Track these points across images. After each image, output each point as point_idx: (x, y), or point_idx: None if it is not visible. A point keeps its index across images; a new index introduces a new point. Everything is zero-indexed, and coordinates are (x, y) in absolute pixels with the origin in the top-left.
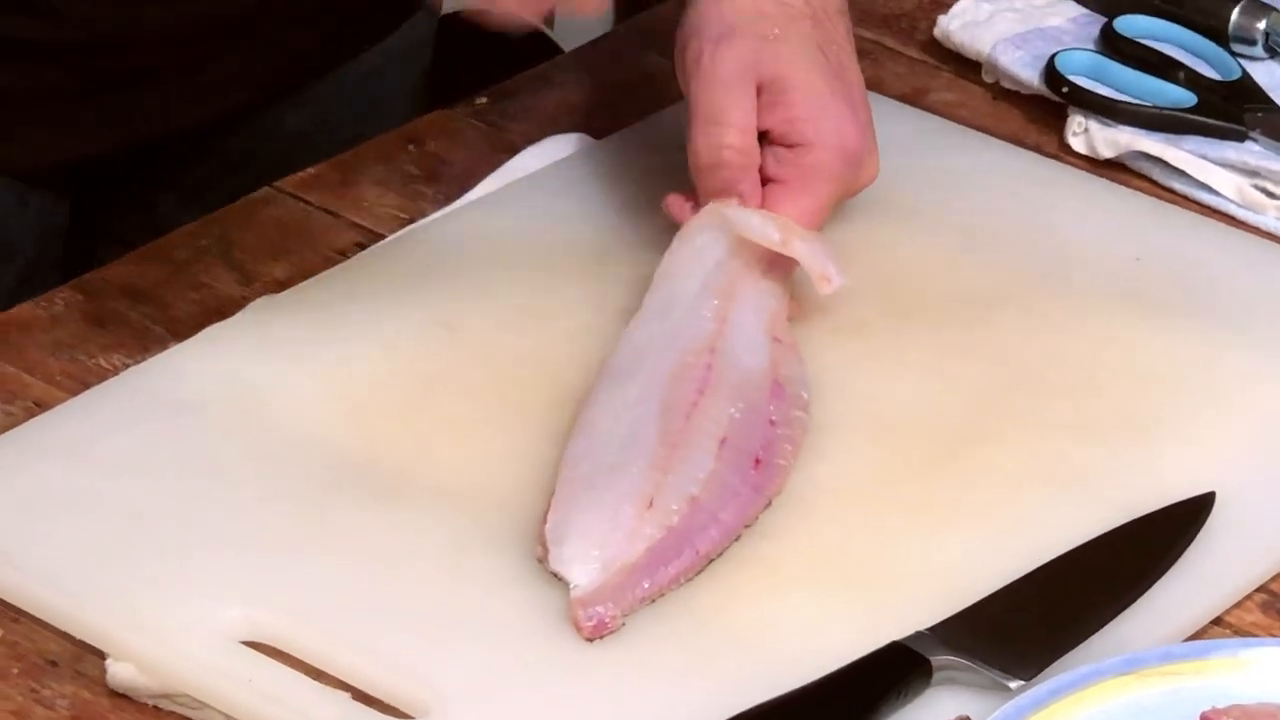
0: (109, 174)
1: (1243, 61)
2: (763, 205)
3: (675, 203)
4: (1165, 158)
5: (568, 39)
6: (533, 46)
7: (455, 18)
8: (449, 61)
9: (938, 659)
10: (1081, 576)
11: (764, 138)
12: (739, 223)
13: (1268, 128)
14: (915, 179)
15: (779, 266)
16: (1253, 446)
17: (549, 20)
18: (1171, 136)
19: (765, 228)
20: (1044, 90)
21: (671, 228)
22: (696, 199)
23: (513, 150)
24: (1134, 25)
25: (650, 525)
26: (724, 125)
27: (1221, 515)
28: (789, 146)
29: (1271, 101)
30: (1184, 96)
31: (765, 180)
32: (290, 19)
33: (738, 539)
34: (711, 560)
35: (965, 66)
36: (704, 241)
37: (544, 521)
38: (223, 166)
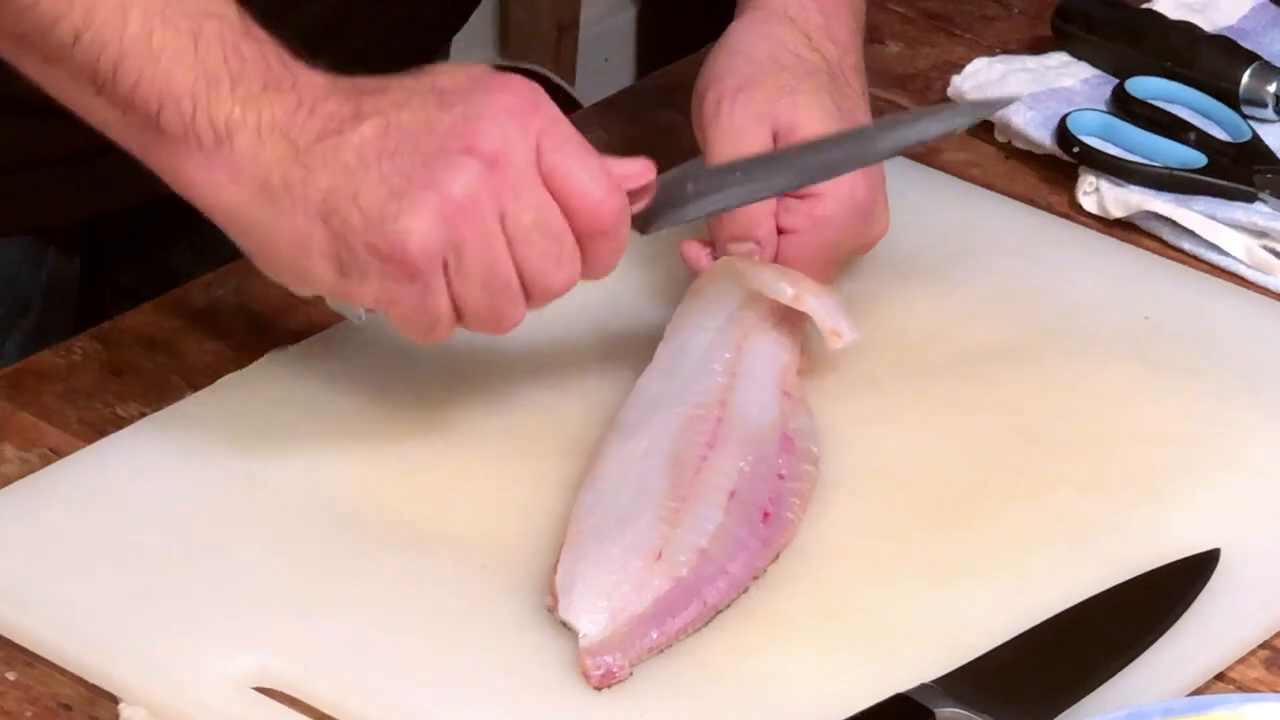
0: (122, 229)
1: (1253, 123)
2: (775, 255)
3: (692, 250)
4: (1175, 218)
5: (587, 94)
6: (550, 98)
7: None
8: None
9: (942, 711)
10: (1086, 631)
11: None
12: (752, 277)
13: (1277, 189)
14: (927, 237)
15: (790, 321)
16: (1258, 504)
17: (569, 75)
18: (1181, 197)
19: (777, 282)
20: (1056, 150)
21: (684, 280)
22: (713, 246)
23: None
24: (1145, 87)
25: (659, 576)
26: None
27: (1226, 572)
28: (800, 197)
29: None
30: (1194, 157)
31: (777, 230)
32: None
33: (745, 591)
34: (719, 611)
35: (978, 126)
36: (716, 295)
37: (554, 571)
38: None
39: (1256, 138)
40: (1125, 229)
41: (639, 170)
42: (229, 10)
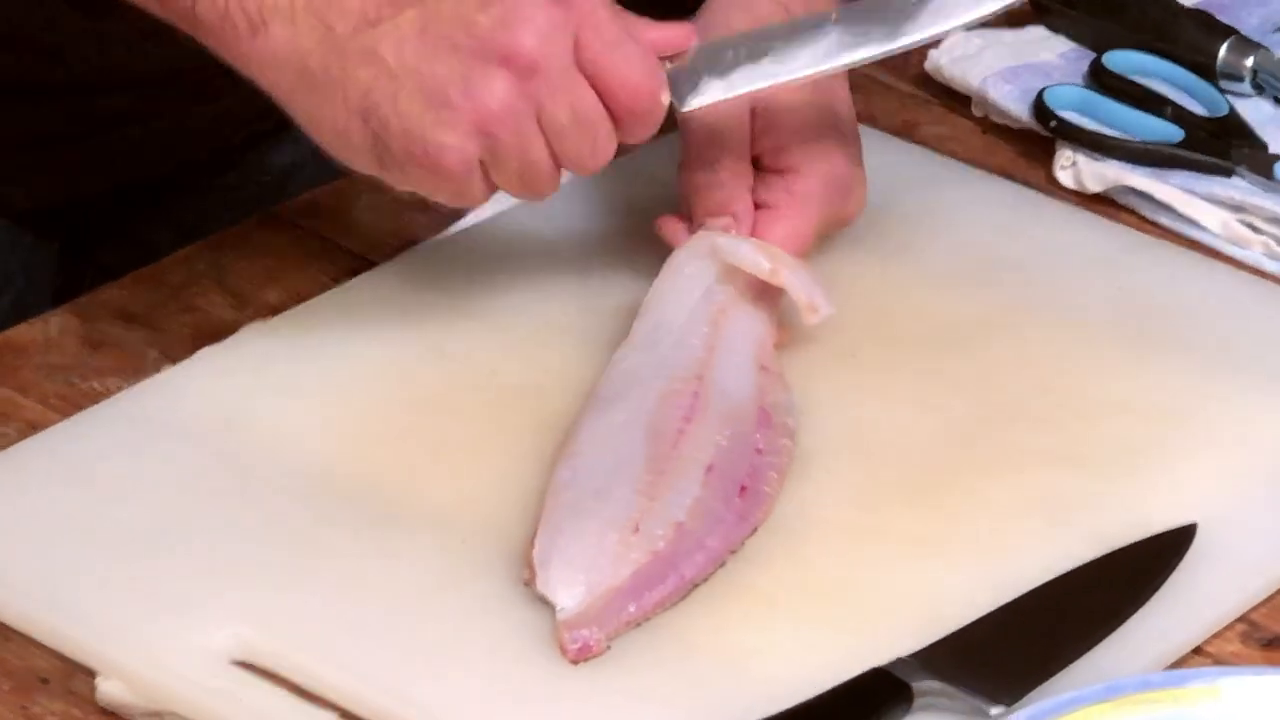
0: (105, 212)
1: (1230, 98)
2: (752, 229)
3: (668, 224)
4: (1152, 192)
5: None
6: None
7: None
8: None
9: (919, 684)
10: (1063, 605)
11: (754, 163)
12: (729, 251)
13: (1254, 163)
14: (905, 211)
15: (767, 295)
16: (1235, 479)
17: None
18: (1158, 171)
19: (755, 256)
20: (1033, 124)
21: (661, 255)
22: (689, 221)
23: None
24: (1123, 61)
25: (636, 550)
26: (719, 149)
27: (1202, 546)
28: (778, 172)
29: (1258, 138)
30: (1171, 132)
31: (754, 205)
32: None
33: (723, 565)
34: (697, 585)
35: (955, 101)
36: (693, 270)
37: (531, 546)
38: (219, 202)
39: (1234, 112)
40: (1102, 203)
41: (679, 36)
42: None
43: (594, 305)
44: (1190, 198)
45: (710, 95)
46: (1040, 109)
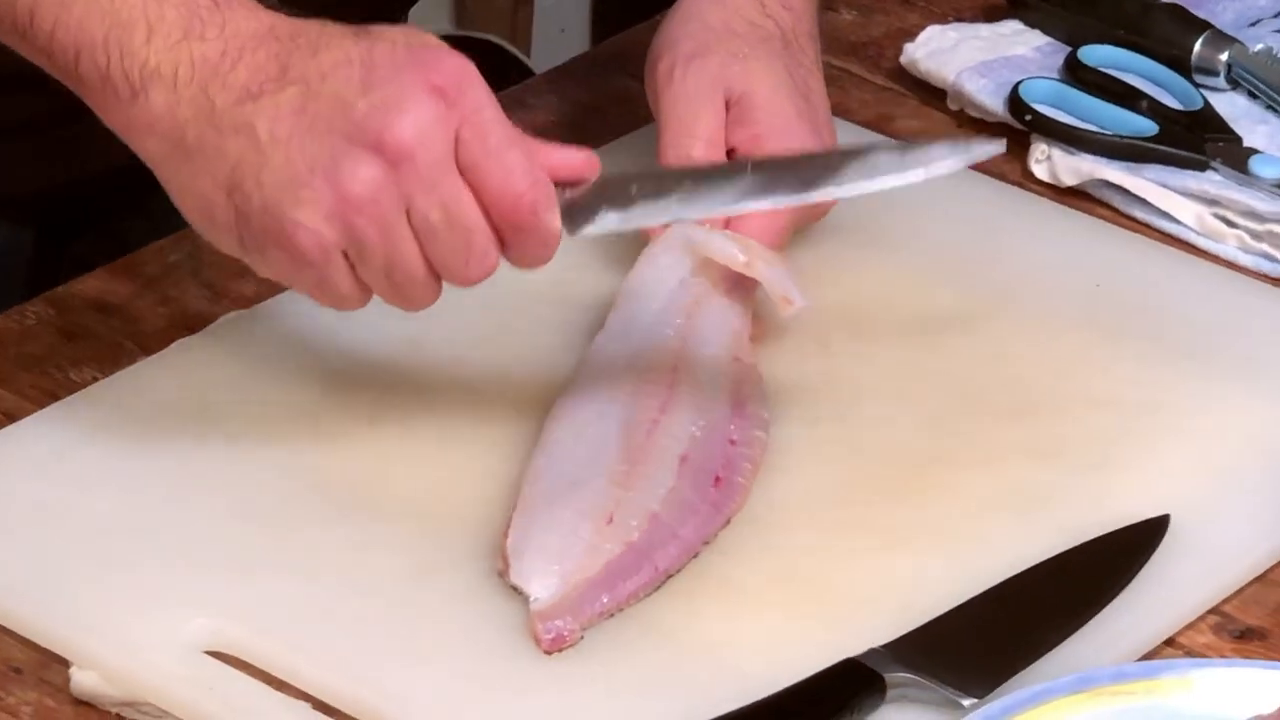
0: (78, 200)
1: (1205, 92)
2: (727, 222)
3: None
4: (1127, 186)
5: (543, 65)
6: (506, 69)
7: None
8: None
9: (892, 676)
10: (1036, 596)
11: (729, 155)
12: (703, 243)
13: (1228, 157)
14: (880, 205)
15: (742, 287)
16: (1208, 471)
17: (525, 46)
18: (1133, 165)
19: (729, 248)
20: (1008, 118)
21: (636, 247)
22: None
23: None
24: (1098, 55)
25: (610, 541)
26: (693, 138)
27: (1176, 538)
28: None
29: (1232, 131)
30: (1146, 126)
31: None
32: None
33: (697, 556)
34: (670, 576)
35: (930, 94)
36: (668, 261)
37: (505, 536)
38: None
39: (1208, 106)
40: (1077, 197)
41: (576, 164)
42: None
43: (568, 295)
44: (1165, 191)
45: (605, 226)
46: (1015, 103)
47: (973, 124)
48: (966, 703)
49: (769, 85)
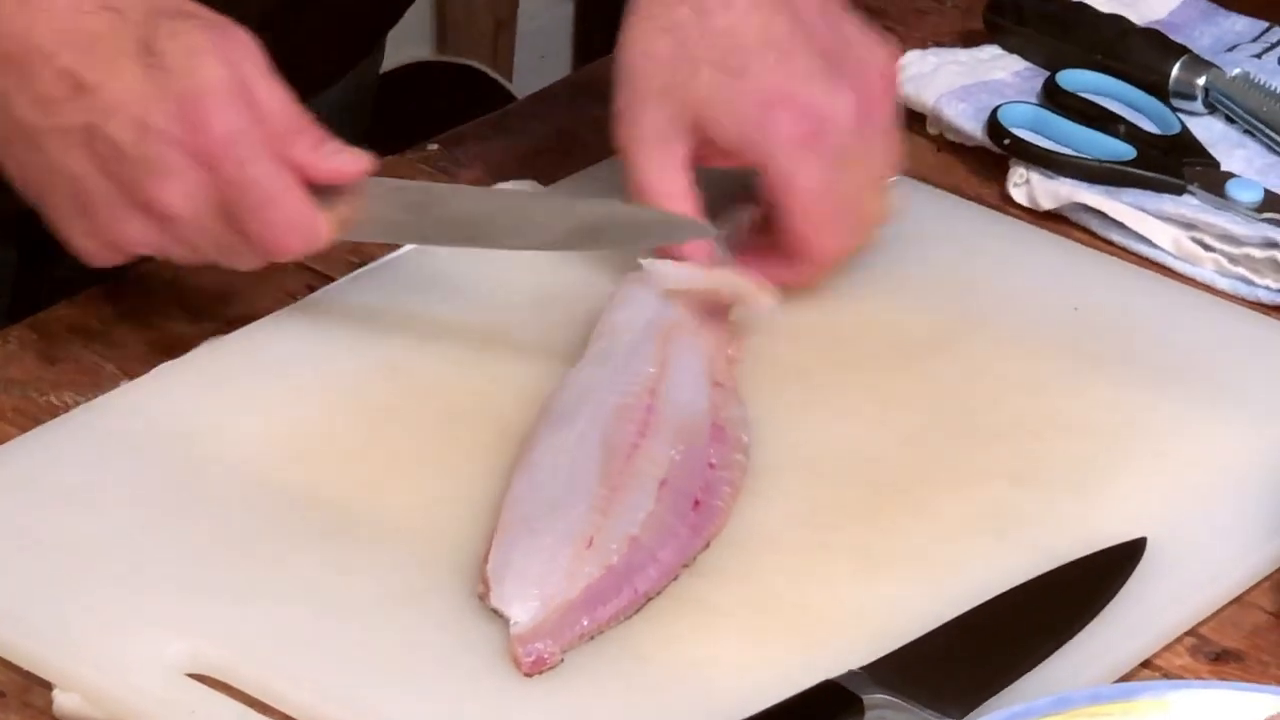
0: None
1: (1182, 116)
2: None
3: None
4: (1104, 210)
5: (524, 90)
6: (487, 94)
7: (403, 70)
8: (398, 114)
9: (870, 697)
10: (1014, 618)
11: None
12: (659, 277)
13: (1205, 182)
14: None
15: (718, 312)
16: (1185, 494)
17: (507, 71)
18: (1111, 189)
19: (686, 272)
20: (987, 142)
21: (614, 270)
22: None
23: None
24: (1076, 80)
25: (589, 564)
26: (655, 196)
27: (1152, 561)
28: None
29: (1210, 156)
30: (1124, 150)
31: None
32: None
33: (676, 579)
34: (650, 599)
35: (910, 119)
36: (641, 295)
37: (485, 560)
38: None
39: (1186, 130)
40: (1055, 220)
41: (351, 169)
42: None
43: (547, 320)
44: (1142, 215)
45: (365, 235)
46: (994, 127)
47: (952, 148)
48: None
49: (706, 98)
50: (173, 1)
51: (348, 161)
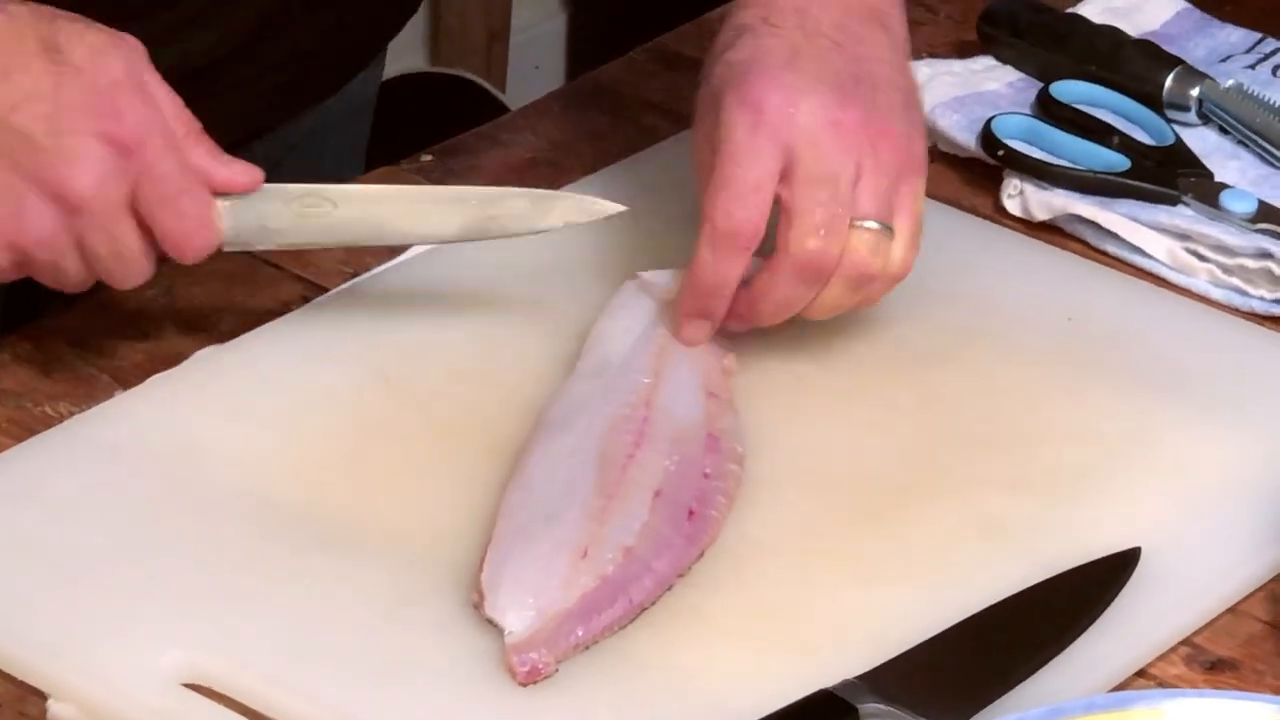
0: None
1: (1176, 127)
2: None
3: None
4: (1099, 220)
5: (518, 101)
6: (480, 105)
7: (401, 80)
8: (391, 125)
9: (865, 707)
10: (1009, 628)
11: None
12: (659, 288)
13: (1199, 192)
14: None
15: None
16: (1179, 504)
17: (500, 82)
18: (1105, 200)
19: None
20: (980, 153)
21: (608, 281)
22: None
23: None
24: (1070, 91)
25: (584, 574)
26: (748, 204)
27: (1147, 570)
28: None
29: (1203, 166)
30: (1118, 161)
31: None
32: (232, 79)
33: (671, 589)
34: (645, 609)
35: None
36: (635, 307)
37: (480, 569)
38: None
39: (1179, 141)
40: (1049, 231)
41: (244, 180)
42: None
43: (541, 331)
44: (1136, 226)
45: (256, 239)
46: (988, 138)
47: (945, 159)
48: None
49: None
50: (59, 11)
51: (243, 172)
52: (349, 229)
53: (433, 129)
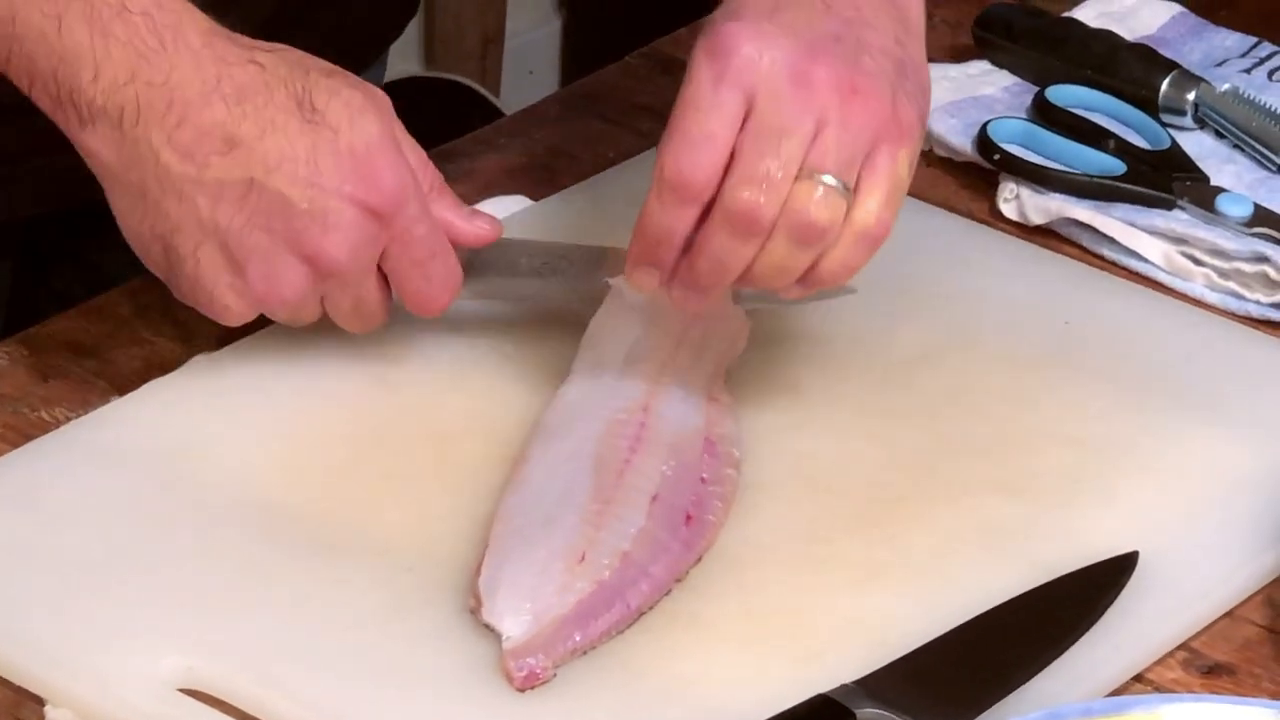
0: (53, 234)
1: (1172, 131)
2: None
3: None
4: (1095, 225)
5: (512, 106)
6: (474, 110)
7: (396, 85)
8: None
9: (863, 711)
10: (1006, 632)
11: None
12: (629, 293)
13: (1195, 196)
14: None
15: (711, 326)
16: (1176, 507)
17: (495, 87)
18: (1101, 204)
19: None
20: (976, 158)
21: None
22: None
23: None
24: (1066, 95)
25: (582, 579)
26: (696, 146)
27: (1144, 574)
28: None
29: (1200, 171)
30: (1114, 165)
31: None
32: None
33: (668, 593)
34: (642, 614)
35: None
36: (635, 300)
37: (477, 574)
38: None
39: (1175, 145)
40: (1046, 235)
41: (486, 233)
42: None
43: (538, 335)
44: (1132, 230)
45: (489, 293)
46: (984, 142)
47: (942, 164)
48: None
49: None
50: (311, 60)
51: (486, 225)
52: (585, 284)
53: (428, 134)
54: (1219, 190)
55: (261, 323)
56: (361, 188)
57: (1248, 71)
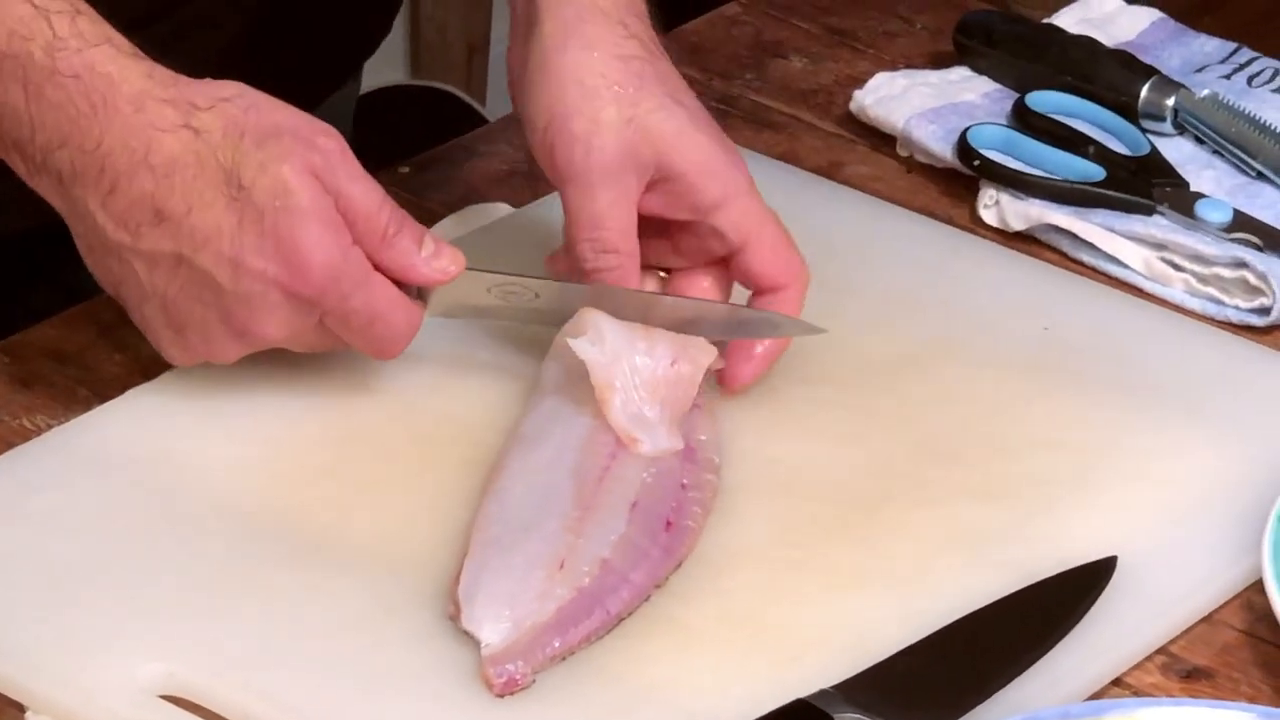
0: (31, 253)
1: (1152, 137)
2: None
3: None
4: (1074, 230)
5: (497, 113)
6: (460, 118)
7: (381, 93)
8: (372, 137)
9: (841, 716)
10: (985, 637)
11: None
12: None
13: (1175, 202)
14: (830, 250)
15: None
16: (1155, 513)
17: (480, 95)
18: (1081, 210)
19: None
20: (957, 164)
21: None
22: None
23: (434, 218)
24: (1045, 101)
25: (561, 586)
26: (604, 230)
27: (1123, 579)
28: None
29: (1179, 176)
30: (1093, 171)
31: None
32: None
33: (648, 599)
34: (622, 620)
35: (880, 140)
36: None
37: (456, 581)
38: None
39: (1155, 151)
40: (1025, 241)
41: (448, 271)
42: (39, 34)
43: (520, 343)
44: (1112, 236)
45: (456, 314)
46: (964, 148)
47: (922, 170)
48: None
49: (674, 130)
50: (253, 116)
51: (446, 265)
52: (553, 315)
53: (413, 141)
54: (1198, 196)
55: None
56: (285, 272)
57: (1227, 77)
